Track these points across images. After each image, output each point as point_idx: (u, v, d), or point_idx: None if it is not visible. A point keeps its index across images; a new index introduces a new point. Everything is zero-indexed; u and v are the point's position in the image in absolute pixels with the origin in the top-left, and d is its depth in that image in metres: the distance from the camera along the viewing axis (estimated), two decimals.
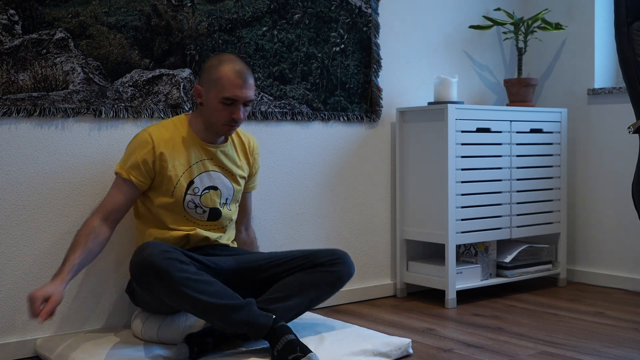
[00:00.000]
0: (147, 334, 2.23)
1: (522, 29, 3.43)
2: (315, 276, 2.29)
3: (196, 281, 2.01)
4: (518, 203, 3.21)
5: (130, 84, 2.49)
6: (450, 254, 2.95)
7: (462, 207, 3.00)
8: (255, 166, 2.50)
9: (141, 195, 2.30)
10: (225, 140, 2.39)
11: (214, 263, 2.23)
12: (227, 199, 2.37)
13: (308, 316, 2.54)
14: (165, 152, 2.24)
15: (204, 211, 2.31)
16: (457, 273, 3.00)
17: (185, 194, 2.27)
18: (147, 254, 1.99)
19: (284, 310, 2.20)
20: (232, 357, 2.10)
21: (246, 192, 2.52)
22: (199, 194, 2.29)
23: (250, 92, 2.25)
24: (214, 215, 2.33)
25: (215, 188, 2.33)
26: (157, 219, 2.29)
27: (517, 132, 3.19)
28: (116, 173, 2.25)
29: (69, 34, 2.36)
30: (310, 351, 2.02)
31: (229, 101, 2.22)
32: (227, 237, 2.43)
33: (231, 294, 2.08)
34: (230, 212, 2.39)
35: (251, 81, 2.25)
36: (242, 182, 2.43)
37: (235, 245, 2.49)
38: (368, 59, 3.10)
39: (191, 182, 2.28)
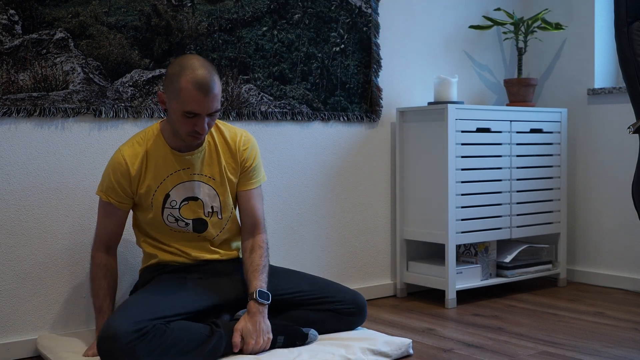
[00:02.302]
0: None
1: (522, 29, 3.43)
2: (333, 320, 2.28)
3: (165, 351, 1.96)
4: (518, 203, 3.21)
5: (130, 84, 2.49)
6: (450, 254, 2.95)
7: (462, 207, 3.00)
8: (247, 162, 2.27)
9: (132, 211, 2.29)
10: (201, 144, 2.22)
11: (214, 298, 2.17)
12: (212, 207, 2.24)
13: None
14: (139, 170, 2.17)
15: (187, 224, 2.22)
16: (457, 273, 3.00)
17: (163, 208, 2.20)
18: (112, 335, 1.90)
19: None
20: (226, 357, 2.09)
21: (241, 191, 2.29)
22: (177, 206, 2.20)
23: (214, 104, 2.06)
24: (200, 226, 2.24)
25: (195, 199, 2.21)
26: (148, 234, 2.27)
27: (517, 132, 3.19)
28: (98, 195, 2.22)
29: (69, 34, 2.36)
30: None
31: (190, 115, 2.05)
32: (235, 247, 2.36)
33: (197, 336, 2.01)
34: (222, 220, 2.27)
35: (215, 91, 2.05)
36: (232, 185, 2.28)
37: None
38: (368, 59, 3.10)
39: (167, 196, 2.18)
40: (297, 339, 2.17)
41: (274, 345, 2.14)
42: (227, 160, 2.26)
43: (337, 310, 2.28)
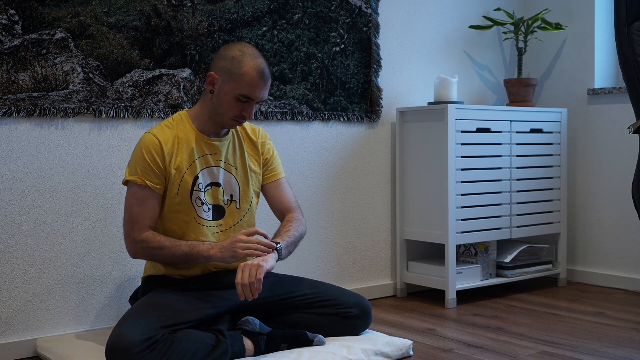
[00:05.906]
0: None
1: (522, 29, 3.43)
2: (336, 323, 2.26)
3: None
4: (518, 203, 3.21)
5: (130, 84, 2.49)
6: (450, 254, 2.95)
7: (462, 207, 3.00)
8: (268, 153, 2.34)
9: None
10: (228, 132, 2.27)
11: (215, 306, 2.13)
12: (231, 195, 2.24)
13: None
14: (171, 148, 2.15)
15: (209, 208, 2.20)
16: (457, 273, 3.00)
17: (192, 190, 2.17)
18: (123, 346, 1.88)
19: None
20: None
21: (267, 183, 2.34)
22: (203, 190, 2.19)
23: (266, 93, 2.18)
24: (217, 212, 2.22)
25: (217, 185, 2.22)
26: (164, 229, 2.19)
27: (517, 132, 3.19)
28: (128, 181, 2.13)
29: (69, 34, 2.36)
30: None
31: (245, 99, 2.13)
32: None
33: (204, 346, 2.00)
34: (240, 211, 2.25)
35: (270, 80, 2.18)
36: (254, 175, 2.30)
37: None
38: (368, 59, 3.10)
39: (196, 178, 2.17)
40: (300, 346, 2.14)
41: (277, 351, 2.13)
42: (249, 151, 2.31)
43: (340, 313, 2.26)
